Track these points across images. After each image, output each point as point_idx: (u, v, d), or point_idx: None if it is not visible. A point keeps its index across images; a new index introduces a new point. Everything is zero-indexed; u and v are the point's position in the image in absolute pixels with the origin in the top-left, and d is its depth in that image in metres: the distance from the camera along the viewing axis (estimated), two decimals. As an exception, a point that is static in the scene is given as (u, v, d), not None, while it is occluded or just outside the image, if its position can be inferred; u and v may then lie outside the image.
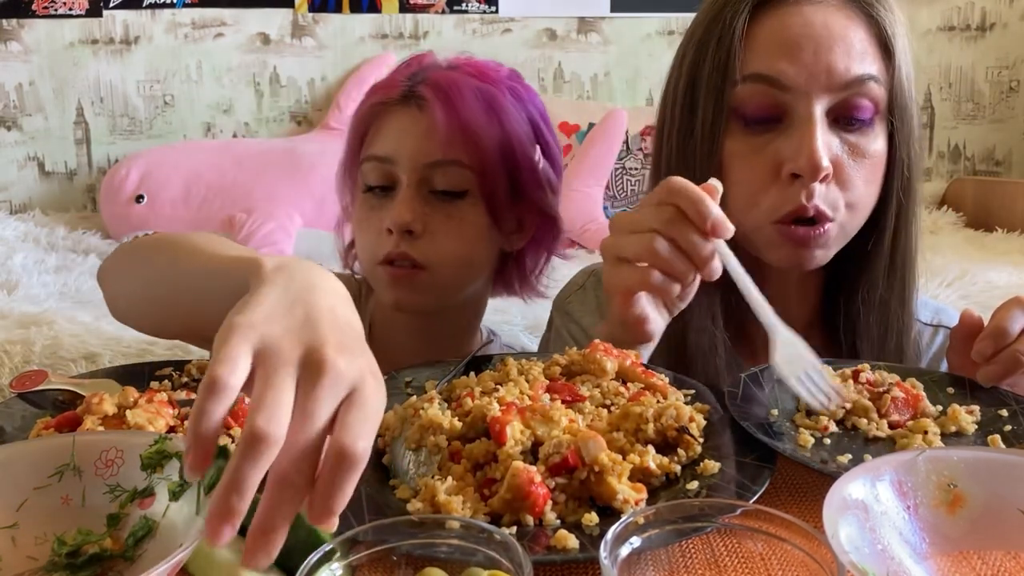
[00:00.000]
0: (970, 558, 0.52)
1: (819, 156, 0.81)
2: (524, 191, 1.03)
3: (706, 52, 0.88)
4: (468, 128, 0.97)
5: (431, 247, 0.98)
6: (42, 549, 0.54)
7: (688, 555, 0.52)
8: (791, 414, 0.70)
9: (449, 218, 0.99)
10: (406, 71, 1.03)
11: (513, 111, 1.02)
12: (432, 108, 0.97)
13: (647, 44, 3.06)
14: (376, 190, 1.01)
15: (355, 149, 1.05)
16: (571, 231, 2.78)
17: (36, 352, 1.68)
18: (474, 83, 1.00)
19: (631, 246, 0.74)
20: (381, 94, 1.02)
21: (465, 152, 0.97)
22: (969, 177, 3.15)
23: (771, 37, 0.85)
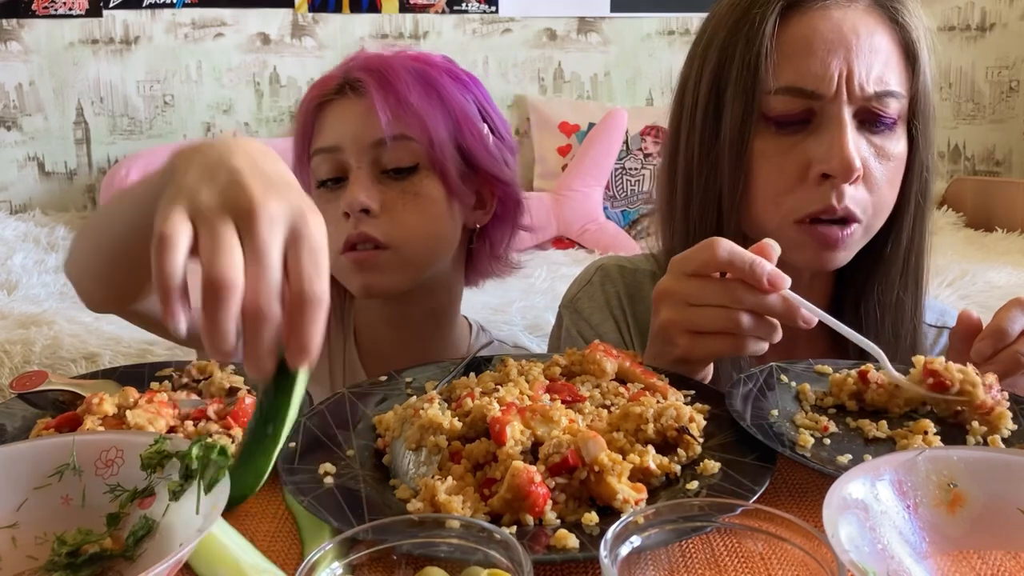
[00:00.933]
0: (970, 558, 0.52)
1: (852, 157, 0.82)
2: (477, 163, 1.03)
3: (732, 56, 0.87)
4: (406, 101, 0.97)
5: (391, 225, 0.98)
6: (42, 549, 0.54)
7: (688, 555, 0.52)
8: (791, 414, 0.70)
9: (404, 193, 0.99)
10: (342, 66, 1.03)
11: (453, 88, 1.02)
12: (368, 89, 0.97)
13: (647, 44, 3.06)
14: (328, 183, 1.01)
15: (303, 149, 1.04)
16: (571, 231, 2.78)
17: (36, 352, 1.68)
18: (408, 64, 1.01)
19: (712, 321, 0.74)
20: (318, 90, 1.02)
21: (408, 125, 0.97)
22: (969, 177, 3.15)
23: (802, 43, 0.85)
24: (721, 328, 0.73)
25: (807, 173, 0.85)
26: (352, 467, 0.63)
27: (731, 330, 0.73)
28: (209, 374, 0.82)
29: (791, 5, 0.86)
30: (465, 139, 1.01)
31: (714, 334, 0.74)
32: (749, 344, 0.74)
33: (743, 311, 0.72)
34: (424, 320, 1.09)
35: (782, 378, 0.75)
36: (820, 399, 0.73)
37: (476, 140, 1.02)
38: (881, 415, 0.70)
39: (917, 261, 0.94)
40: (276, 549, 0.57)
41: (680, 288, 0.75)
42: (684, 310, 0.75)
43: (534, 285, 2.19)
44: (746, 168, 0.87)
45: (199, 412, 0.71)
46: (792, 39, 0.85)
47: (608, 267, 1.07)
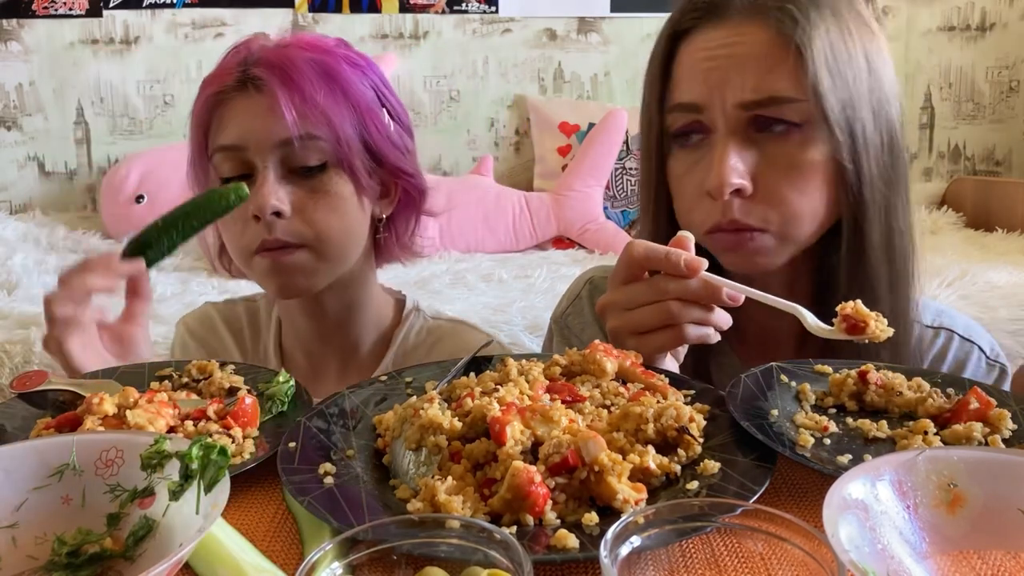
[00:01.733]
0: (970, 558, 0.52)
1: (725, 175, 0.83)
2: (382, 156, 1.03)
3: (646, 84, 0.95)
4: (312, 100, 0.96)
5: (303, 225, 0.97)
6: (42, 549, 0.54)
7: (688, 555, 0.52)
8: (791, 414, 0.70)
9: (314, 192, 0.98)
10: (236, 57, 1.00)
11: (353, 78, 1.01)
12: (271, 87, 0.95)
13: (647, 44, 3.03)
14: (234, 180, 0.98)
15: (200, 144, 1.02)
16: (571, 231, 2.78)
17: (36, 352, 1.68)
18: (308, 55, 0.99)
19: (648, 318, 0.78)
20: (216, 84, 0.99)
21: (315, 124, 0.96)
22: (969, 177, 3.15)
23: (687, 64, 0.90)
24: (658, 322, 0.77)
25: (702, 190, 0.87)
26: (352, 467, 0.63)
27: (667, 321, 0.77)
28: (209, 374, 0.82)
29: (682, 32, 0.91)
30: (370, 133, 1.01)
31: (655, 330, 0.78)
32: (689, 331, 0.77)
33: (671, 300, 0.76)
34: (341, 310, 1.09)
35: (782, 378, 0.75)
36: (820, 399, 0.73)
37: (380, 133, 1.02)
38: (881, 415, 0.70)
39: (869, 269, 0.90)
40: (276, 549, 0.57)
41: (616, 297, 0.80)
42: (623, 315, 0.79)
43: (534, 285, 2.19)
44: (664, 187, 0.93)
45: (199, 412, 0.71)
46: (681, 61, 0.91)
47: (596, 280, 1.08)
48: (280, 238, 0.96)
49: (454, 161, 3.07)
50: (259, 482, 0.65)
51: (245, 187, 0.92)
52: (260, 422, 0.72)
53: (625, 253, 0.79)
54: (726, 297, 0.76)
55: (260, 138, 0.96)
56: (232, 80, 0.98)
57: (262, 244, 0.97)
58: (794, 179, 0.86)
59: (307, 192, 0.98)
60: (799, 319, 0.76)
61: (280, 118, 0.94)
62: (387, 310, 1.17)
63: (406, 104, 1.14)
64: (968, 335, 1.00)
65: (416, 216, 1.12)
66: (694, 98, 0.87)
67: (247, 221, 0.97)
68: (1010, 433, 0.66)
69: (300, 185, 0.98)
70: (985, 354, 1.00)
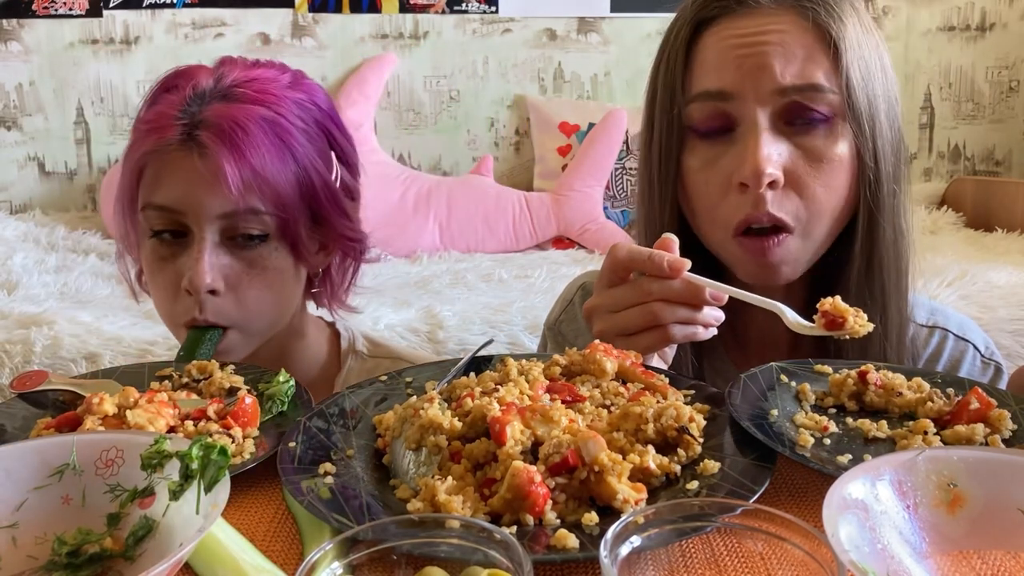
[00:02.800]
0: (970, 558, 0.52)
1: (761, 163, 0.81)
2: (325, 218, 0.97)
3: (658, 76, 0.91)
4: (260, 173, 0.89)
5: (236, 305, 0.92)
6: (42, 548, 0.54)
7: (688, 555, 0.52)
8: (791, 414, 0.70)
9: (251, 266, 0.93)
10: (177, 103, 0.91)
11: (303, 134, 0.94)
12: (218, 157, 0.87)
13: (647, 44, 3.06)
14: (164, 235, 0.93)
15: (131, 189, 0.94)
16: (571, 231, 2.78)
17: (36, 352, 1.68)
18: (258, 114, 0.91)
19: (633, 320, 0.77)
20: (154, 138, 0.90)
21: (260, 198, 0.90)
22: (969, 177, 3.15)
23: (712, 52, 0.86)
24: (643, 324, 0.77)
25: (730, 183, 0.85)
26: (352, 467, 0.63)
27: (652, 322, 0.77)
28: (209, 374, 0.82)
29: (704, 20, 0.88)
30: (316, 196, 0.95)
31: (642, 332, 0.78)
32: (675, 331, 0.77)
33: (656, 302, 0.76)
34: (272, 359, 1.02)
35: (782, 378, 0.75)
36: (820, 399, 0.73)
37: (326, 194, 0.96)
38: (881, 415, 0.70)
39: (880, 268, 0.90)
40: (276, 549, 0.57)
41: (601, 301, 0.80)
42: (609, 318, 0.79)
43: (534, 285, 2.19)
44: (679, 184, 0.90)
45: (199, 412, 0.71)
46: (704, 51, 0.87)
47: (588, 285, 1.07)
48: (209, 319, 0.91)
49: (454, 161, 3.07)
50: (259, 482, 0.65)
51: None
52: (260, 422, 0.72)
53: (609, 256, 0.79)
54: (709, 296, 0.76)
55: (200, 206, 0.89)
56: (174, 136, 0.90)
57: (190, 321, 0.92)
58: (822, 173, 0.84)
59: (244, 265, 0.92)
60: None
61: (223, 190, 0.88)
62: (322, 348, 1.11)
63: (406, 104, 1.12)
64: (962, 333, 1.00)
65: (355, 267, 1.06)
66: (724, 85, 0.85)
67: (178, 290, 0.92)
68: (1010, 433, 0.66)
69: (237, 256, 0.92)
70: (980, 352, 1.00)
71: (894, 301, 0.90)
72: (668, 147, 0.90)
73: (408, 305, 1.91)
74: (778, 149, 0.83)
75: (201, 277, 0.89)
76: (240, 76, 0.94)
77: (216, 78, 0.94)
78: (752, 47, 0.84)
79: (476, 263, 2.51)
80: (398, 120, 3.03)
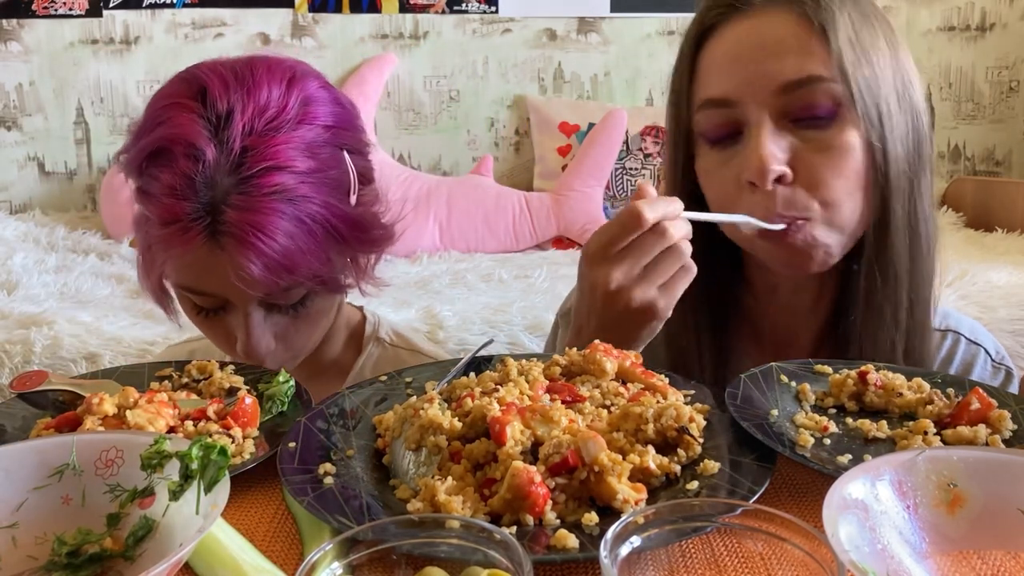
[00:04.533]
0: (970, 558, 0.52)
1: (765, 160, 0.82)
2: (355, 248, 0.96)
3: (672, 84, 0.94)
4: (289, 266, 0.86)
5: (287, 350, 0.96)
6: (42, 549, 0.54)
7: (688, 555, 0.52)
8: (791, 414, 0.70)
9: (296, 318, 0.94)
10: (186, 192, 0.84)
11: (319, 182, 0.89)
12: (245, 264, 0.84)
13: (647, 44, 3.06)
14: (207, 312, 0.93)
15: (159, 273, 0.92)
16: (571, 231, 2.78)
17: (36, 352, 1.68)
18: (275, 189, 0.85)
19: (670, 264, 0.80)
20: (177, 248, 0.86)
21: (292, 275, 0.87)
22: (969, 177, 3.15)
23: (714, 59, 0.88)
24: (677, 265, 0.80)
25: (740, 184, 0.86)
26: (352, 467, 0.63)
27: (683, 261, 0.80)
28: (209, 374, 0.82)
29: (708, 28, 0.89)
30: (343, 239, 0.92)
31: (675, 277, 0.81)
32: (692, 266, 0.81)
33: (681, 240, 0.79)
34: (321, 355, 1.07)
35: (782, 378, 0.75)
36: (820, 399, 0.73)
37: (350, 232, 0.93)
38: (881, 415, 0.70)
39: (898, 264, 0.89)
40: (276, 549, 0.57)
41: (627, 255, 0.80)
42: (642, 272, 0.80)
43: (534, 285, 2.19)
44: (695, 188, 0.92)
45: (199, 412, 0.71)
46: (708, 58, 0.89)
47: None
48: (268, 367, 0.90)
49: (454, 161, 3.07)
50: (259, 482, 0.65)
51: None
52: (260, 422, 0.72)
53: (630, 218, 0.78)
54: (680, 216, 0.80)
55: (237, 294, 0.88)
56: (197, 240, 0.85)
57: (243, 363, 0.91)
58: (831, 162, 0.84)
59: (289, 320, 0.94)
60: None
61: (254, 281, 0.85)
62: (347, 332, 1.12)
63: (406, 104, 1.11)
64: (974, 337, 1.00)
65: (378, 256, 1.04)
66: (725, 92, 0.86)
67: (228, 341, 0.93)
68: (1010, 433, 0.66)
69: (283, 315, 0.93)
70: (991, 357, 1.00)
71: (905, 285, 0.90)
72: (686, 153, 0.92)
73: (408, 305, 1.91)
74: (782, 145, 0.84)
75: (256, 350, 0.91)
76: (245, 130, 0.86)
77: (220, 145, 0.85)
78: (746, 51, 0.85)
79: (476, 263, 2.51)
80: (398, 120, 3.03)
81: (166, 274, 0.92)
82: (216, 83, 0.88)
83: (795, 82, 0.83)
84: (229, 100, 0.86)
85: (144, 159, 0.88)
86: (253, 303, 0.90)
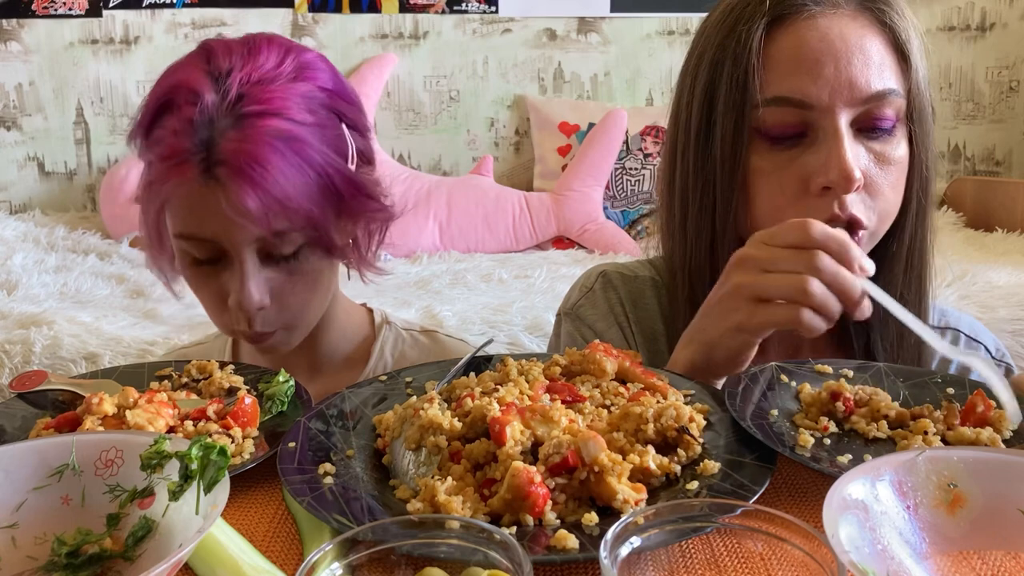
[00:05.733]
0: (970, 558, 0.52)
1: (851, 168, 0.81)
2: (350, 209, 0.97)
3: (721, 72, 0.87)
4: (285, 202, 0.88)
5: (282, 312, 0.94)
6: (42, 549, 0.54)
7: (688, 555, 0.52)
8: (791, 414, 0.70)
9: (291, 275, 0.94)
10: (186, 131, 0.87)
11: (316, 133, 0.91)
12: (240, 195, 0.86)
13: (647, 44, 3.06)
14: (204, 262, 0.93)
15: (157, 217, 0.93)
16: (571, 231, 2.78)
17: (36, 352, 1.68)
18: (272, 134, 0.88)
19: (780, 287, 0.74)
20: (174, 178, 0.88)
21: (290, 220, 0.89)
22: (969, 177, 3.15)
23: (789, 55, 0.84)
24: (787, 294, 0.73)
25: (807, 187, 0.84)
26: (352, 467, 0.63)
27: (798, 297, 0.72)
28: (209, 374, 0.82)
29: (777, 18, 0.85)
30: (339, 195, 0.94)
31: (776, 303, 0.74)
32: (807, 317, 0.72)
33: (815, 280, 0.72)
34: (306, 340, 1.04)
35: (782, 378, 0.75)
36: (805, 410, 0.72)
37: (347, 190, 0.94)
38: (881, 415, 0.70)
39: (920, 260, 0.92)
40: (276, 549, 0.57)
41: (759, 254, 0.76)
42: (757, 276, 0.75)
43: (534, 285, 2.19)
44: (743, 184, 0.87)
45: (199, 412, 0.71)
46: (780, 51, 0.85)
47: (610, 274, 1.06)
48: (260, 330, 0.93)
49: (454, 161, 3.07)
50: (259, 482, 0.65)
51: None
52: (260, 422, 0.72)
53: (800, 228, 0.74)
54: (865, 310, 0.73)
55: (232, 235, 0.89)
56: (193, 173, 0.87)
57: (241, 333, 0.94)
58: (890, 175, 0.86)
59: (284, 275, 0.94)
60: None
61: (251, 220, 0.87)
62: (356, 322, 1.13)
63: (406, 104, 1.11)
64: (974, 335, 1.00)
65: (381, 231, 1.05)
66: (805, 93, 0.83)
67: (222, 302, 0.93)
68: (1010, 433, 0.66)
69: (277, 269, 0.93)
70: (991, 354, 1.00)
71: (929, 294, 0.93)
72: (735, 148, 0.87)
73: (408, 305, 1.91)
74: (857, 153, 0.84)
75: (249, 300, 0.90)
76: (243, 80, 0.90)
77: (220, 92, 0.89)
78: (835, 53, 0.83)
79: (476, 263, 2.51)
80: (398, 120, 3.03)
81: (164, 224, 0.93)
82: (220, 47, 0.94)
83: (877, 94, 0.83)
84: (231, 59, 0.92)
85: (151, 115, 0.92)
86: (248, 249, 0.90)
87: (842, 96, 0.82)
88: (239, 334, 0.96)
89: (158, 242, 0.96)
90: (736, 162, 0.87)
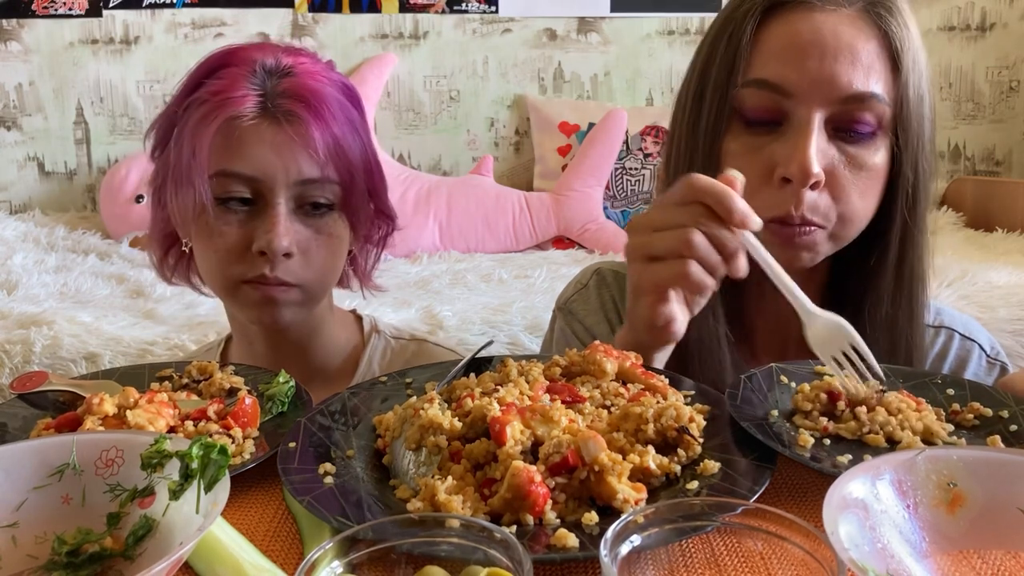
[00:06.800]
0: (970, 557, 0.52)
1: (810, 163, 0.81)
2: (375, 192, 1.02)
3: (716, 53, 0.88)
4: (340, 144, 0.94)
5: (303, 266, 0.96)
6: (42, 548, 0.54)
7: (688, 554, 0.52)
8: (791, 414, 0.70)
9: (319, 233, 0.97)
10: (245, 76, 0.94)
11: (359, 116, 0.99)
12: (305, 125, 0.92)
13: (647, 44, 3.06)
14: (233, 203, 0.94)
15: (193, 160, 0.93)
16: (571, 231, 2.78)
17: (36, 352, 1.68)
18: (332, 89, 0.96)
19: (664, 242, 0.74)
20: (232, 108, 0.92)
21: (338, 169, 0.95)
22: (969, 177, 3.15)
23: (779, 42, 0.85)
24: (674, 247, 0.73)
25: (770, 176, 0.84)
26: (352, 467, 0.63)
27: (682, 250, 0.73)
28: (209, 374, 0.82)
29: (776, 6, 0.86)
30: (371, 171, 1.00)
31: (664, 260, 0.74)
32: (693, 270, 0.73)
33: (697, 232, 0.72)
34: (303, 335, 1.06)
35: (782, 378, 0.75)
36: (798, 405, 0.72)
37: (376, 171, 1.01)
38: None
39: (911, 277, 0.91)
40: (276, 549, 0.57)
41: (651, 214, 0.77)
42: (644, 235, 0.76)
43: (534, 285, 2.19)
44: (717, 165, 0.86)
45: (199, 412, 0.71)
46: (771, 37, 0.85)
47: (605, 272, 1.07)
48: (280, 277, 0.94)
49: (454, 161, 3.07)
50: (259, 482, 0.65)
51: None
52: (260, 422, 0.72)
53: (685, 181, 0.75)
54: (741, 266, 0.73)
55: (278, 174, 0.93)
56: (252, 105, 0.92)
57: (260, 278, 0.94)
58: (859, 181, 0.85)
59: (312, 232, 0.96)
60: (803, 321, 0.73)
61: (305, 157, 0.92)
62: (346, 331, 1.14)
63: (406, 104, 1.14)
64: (968, 333, 1.00)
65: (379, 250, 1.10)
66: (785, 80, 0.83)
67: (243, 252, 0.94)
68: (1010, 434, 0.66)
69: (306, 224, 0.96)
70: (985, 352, 1.00)
71: (920, 304, 0.91)
72: (716, 127, 0.88)
73: (408, 305, 1.91)
74: (824, 151, 0.83)
75: (279, 239, 0.92)
76: (302, 59, 0.98)
77: (274, 60, 0.96)
78: (822, 48, 0.83)
79: (476, 263, 2.51)
80: (398, 120, 3.03)
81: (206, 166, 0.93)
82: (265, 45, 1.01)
83: (858, 95, 0.82)
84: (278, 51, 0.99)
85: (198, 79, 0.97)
86: (285, 193, 0.93)
87: (821, 90, 0.82)
88: (251, 285, 0.95)
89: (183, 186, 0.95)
90: (716, 141, 0.87)
